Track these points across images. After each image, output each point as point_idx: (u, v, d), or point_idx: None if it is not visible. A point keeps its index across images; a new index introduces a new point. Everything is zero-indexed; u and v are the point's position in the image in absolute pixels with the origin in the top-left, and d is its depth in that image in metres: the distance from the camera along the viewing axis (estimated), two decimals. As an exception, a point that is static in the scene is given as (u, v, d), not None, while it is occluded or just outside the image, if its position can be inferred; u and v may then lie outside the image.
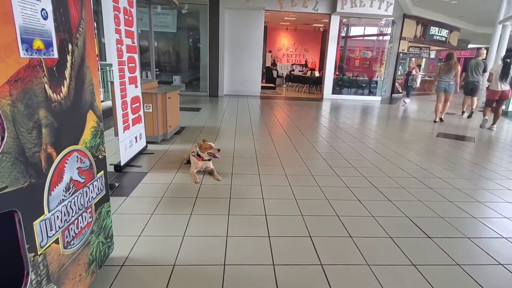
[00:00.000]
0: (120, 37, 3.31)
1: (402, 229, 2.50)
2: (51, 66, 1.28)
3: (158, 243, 2.16)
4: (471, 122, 8.13)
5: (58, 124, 1.34)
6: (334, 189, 3.24)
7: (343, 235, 2.37)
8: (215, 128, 5.89)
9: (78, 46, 1.47)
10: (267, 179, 3.42)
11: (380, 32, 13.77)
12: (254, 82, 11.74)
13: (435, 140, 5.83)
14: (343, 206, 2.86)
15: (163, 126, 4.70)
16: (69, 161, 1.43)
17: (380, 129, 6.80)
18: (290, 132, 5.84)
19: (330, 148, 4.87)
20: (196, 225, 2.42)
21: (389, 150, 4.93)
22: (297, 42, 19.10)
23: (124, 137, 3.51)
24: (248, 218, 2.57)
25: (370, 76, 14.00)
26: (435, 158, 4.63)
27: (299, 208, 2.78)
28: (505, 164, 4.44)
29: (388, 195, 3.15)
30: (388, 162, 4.29)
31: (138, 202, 2.77)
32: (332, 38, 11.94)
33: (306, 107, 9.51)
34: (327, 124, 7.02)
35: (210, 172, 3.48)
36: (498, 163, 4.47)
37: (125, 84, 3.50)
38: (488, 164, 4.43)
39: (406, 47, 14.94)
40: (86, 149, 1.58)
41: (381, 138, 5.74)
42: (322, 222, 2.56)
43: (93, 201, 1.68)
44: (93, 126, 1.65)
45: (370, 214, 2.72)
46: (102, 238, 1.81)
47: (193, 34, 12.08)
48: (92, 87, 1.63)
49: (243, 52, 11.33)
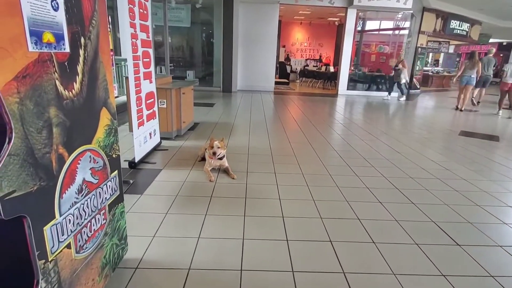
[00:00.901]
0: (135, 31, 3.24)
1: (429, 235, 2.35)
2: (62, 61, 1.20)
3: (173, 245, 2.09)
4: (492, 120, 7.79)
5: (70, 122, 1.26)
6: (353, 190, 3.10)
7: (366, 241, 2.24)
8: (229, 124, 5.81)
9: (91, 39, 1.39)
10: (283, 178, 3.31)
11: (397, 26, 13.35)
12: (268, 78, 11.58)
13: (457, 138, 5.57)
14: (364, 208, 2.73)
15: (177, 122, 4.64)
16: (81, 162, 1.36)
17: (398, 126, 6.57)
18: (305, 129, 5.69)
19: (347, 146, 4.71)
20: (212, 226, 2.34)
21: (409, 148, 4.73)
22: (311, 37, 18.76)
23: (138, 133, 3.46)
24: (265, 220, 2.47)
25: (386, 72, 13.63)
26: (458, 157, 4.41)
27: (317, 210, 2.66)
28: (535, 166, 4.19)
29: (411, 198, 2.99)
30: (408, 161, 4.10)
31: (153, 201, 2.71)
32: (348, 32, 11.63)
33: (321, 103, 9.31)
34: (342, 120, 6.83)
35: (225, 170, 3.40)
36: (527, 164, 4.23)
37: (140, 80, 3.44)
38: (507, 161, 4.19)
39: (425, 42, 14.44)
40: (99, 148, 1.51)
41: (399, 136, 5.52)
42: (342, 225, 2.44)
43: (106, 202, 1.61)
44: (107, 124, 1.57)
45: (393, 218, 2.58)
46: (116, 240, 1.75)
47: (207, 28, 11.99)
48: (106, 83, 1.55)
49: (256, 47, 11.18)
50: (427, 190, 3.20)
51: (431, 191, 3.18)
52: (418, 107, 9.91)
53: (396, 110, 9.02)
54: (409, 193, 3.09)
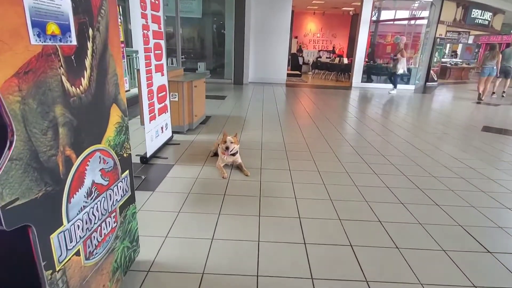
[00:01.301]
0: (146, 22, 3.13)
1: (457, 241, 2.21)
2: (68, 55, 1.10)
3: (185, 246, 2.01)
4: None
5: (77, 121, 1.17)
6: (373, 190, 2.96)
7: (389, 246, 2.11)
8: (241, 118, 5.69)
9: (100, 31, 1.29)
10: (298, 176, 3.19)
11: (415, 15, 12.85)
12: (280, 70, 11.37)
13: (480, 134, 5.31)
14: (384, 210, 2.59)
15: (189, 115, 4.55)
16: (90, 163, 1.27)
17: (416, 120, 6.33)
18: (319, 123, 5.53)
19: (364, 142, 4.54)
20: (226, 226, 2.25)
21: (429, 144, 4.53)
22: (324, 27, 18.33)
23: (150, 127, 3.39)
24: (281, 220, 2.37)
25: (402, 63, 13.20)
26: (482, 155, 4.19)
27: (335, 210, 2.54)
28: None
29: (435, 198, 2.83)
30: (429, 159, 3.92)
31: (165, 198, 2.63)
32: (364, 22, 11.26)
33: (334, 96, 9.08)
34: (358, 114, 6.63)
35: (238, 167, 3.30)
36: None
37: (151, 72, 3.34)
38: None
39: (444, 32, 13.88)
40: (109, 148, 1.42)
41: (418, 131, 5.31)
42: (363, 228, 2.31)
43: (117, 204, 1.53)
44: (118, 122, 1.48)
45: (417, 221, 2.44)
46: (127, 243, 1.67)
47: (218, 19, 11.79)
48: (116, 78, 1.45)
49: (268, 38, 10.95)
50: (451, 191, 3.03)
51: (455, 191, 3.01)
52: (436, 100, 9.56)
53: (413, 103, 8.72)
54: (432, 194, 2.93)
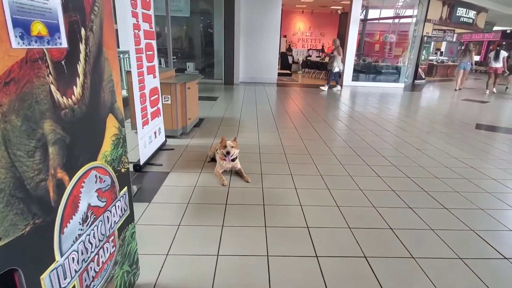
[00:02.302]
0: (137, 21, 2.93)
1: (472, 248, 2.12)
2: (58, 60, 0.93)
3: (189, 264, 1.85)
4: (507, 111, 7.55)
5: (70, 138, 1.00)
6: (379, 194, 2.86)
7: (404, 255, 2.01)
8: (235, 120, 5.53)
9: (94, 31, 1.11)
10: (301, 181, 3.06)
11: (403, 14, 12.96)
12: (271, 69, 11.24)
13: (474, 132, 5.32)
14: (394, 215, 2.49)
15: (183, 118, 4.36)
16: (86, 184, 1.10)
17: (410, 119, 6.31)
18: (315, 123, 5.42)
19: (363, 143, 4.45)
20: (231, 240, 2.10)
21: (427, 144, 4.49)
22: (313, 26, 18.31)
23: (143, 133, 3.19)
24: (289, 231, 2.23)
25: (391, 62, 13.29)
26: (480, 154, 4.16)
27: (344, 218, 2.43)
28: None
29: (443, 201, 2.76)
30: (430, 159, 3.86)
31: (162, 210, 2.46)
32: (354, 21, 11.26)
33: (327, 95, 9.01)
34: (352, 114, 6.56)
35: (238, 173, 3.15)
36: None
37: (143, 75, 3.15)
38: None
39: (430, 30, 14.05)
40: (106, 164, 1.25)
41: (415, 131, 5.27)
42: (374, 237, 2.20)
43: (116, 227, 1.36)
44: (115, 134, 1.31)
45: (428, 227, 2.35)
46: (127, 267, 1.50)
47: (207, 18, 11.57)
48: (112, 84, 1.28)
49: (258, 37, 10.79)
50: (457, 192, 2.96)
51: (461, 193, 2.95)
52: (426, 98, 9.64)
53: (404, 101, 8.74)
54: (439, 196, 2.85)
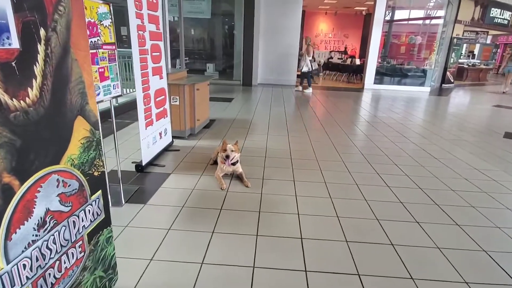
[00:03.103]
0: (142, 22, 2.94)
1: (481, 271, 1.92)
2: (7, 61, 0.90)
3: (171, 272, 1.80)
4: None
5: (22, 141, 0.97)
6: (384, 205, 2.69)
7: (402, 275, 1.85)
8: (246, 122, 5.47)
9: (57, 31, 1.08)
10: (303, 188, 2.94)
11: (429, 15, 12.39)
12: (290, 71, 11.10)
13: (502, 142, 4.94)
14: (397, 230, 2.32)
15: (191, 120, 4.36)
16: (43, 189, 1.07)
17: (433, 126, 5.96)
18: (329, 128, 5.25)
19: (376, 150, 4.24)
20: (218, 247, 2.03)
21: (447, 153, 4.20)
22: (336, 27, 17.96)
23: (146, 134, 3.20)
24: (280, 241, 2.13)
25: (417, 64, 12.74)
26: (506, 165, 3.84)
27: (342, 230, 2.29)
28: None
29: (455, 217, 2.54)
30: (447, 169, 3.60)
31: (156, 212, 2.43)
32: (377, 22, 10.90)
33: (346, 98, 8.75)
34: (370, 119, 6.31)
35: (239, 176, 3.08)
36: None
37: (148, 76, 3.15)
38: None
39: (461, 32, 13.33)
40: (72, 168, 1.21)
41: (435, 138, 4.97)
42: (373, 253, 2.05)
43: (85, 231, 1.33)
44: (85, 137, 1.28)
45: (435, 245, 2.16)
46: (100, 273, 1.47)
47: (227, 20, 11.64)
48: (83, 86, 1.24)
49: (278, 39, 10.70)
50: (473, 208, 2.73)
51: (477, 208, 2.71)
52: (453, 103, 9.12)
53: (429, 106, 8.31)
54: (452, 211, 2.64)
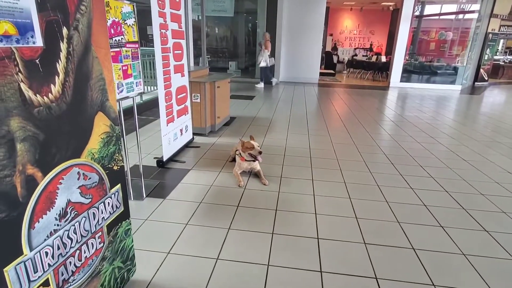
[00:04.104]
0: (164, 21, 3.01)
1: (510, 279, 1.81)
2: (31, 58, 0.94)
3: (187, 266, 1.83)
4: None
5: (45, 135, 1.01)
6: (407, 208, 2.59)
7: (423, 281, 1.77)
8: (267, 120, 5.46)
9: (79, 30, 1.13)
10: (321, 187, 2.90)
11: (463, 9, 11.78)
12: (312, 68, 10.95)
13: (541, 144, 4.61)
14: (420, 234, 2.23)
15: (211, 117, 4.41)
16: (65, 181, 1.12)
17: (463, 126, 5.67)
18: (351, 127, 5.13)
19: (400, 150, 4.10)
20: (234, 244, 2.04)
21: (478, 155, 3.98)
22: (361, 24, 17.45)
23: (167, 130, 3.28)
24: (296, 240, 2.11)
25: (448, 61, 12.16)
26: (544, 169, 3.59)
27: (361, 232, 2.23)
28: None
29: (484, 223, 2.41)
30: (478, 172, 3.41)
31: (174, 207, 2.49)
32: (405, 17, 10.49)
33: (370, 97, 8.51)
34: (395, 118, 6.10)
35: (257, 174, 3.08)
36: None
37: (170, 73, 3.22)
38: None
39: (497, 27, 12.56)
40: (93, 161, 1.26)
41: (466, 139, 4.72)
42: (392, 256, 1.98)
43: (104, 223, 1.38)
44: (105, 132, 1.32)
45: (460, 251, 2.06)
46: (119, 263, 1.52)
47: (250, 18, 11.66)
48: (103, 83, 1.29)
49: (301, 36, 10.58)
50: (503, 213, 2.57)
51: (509, 214, 2.55)
52: (487, 102, 8.62)
53: (459, 105, 7.91)
54: (480, 216, 2.50)
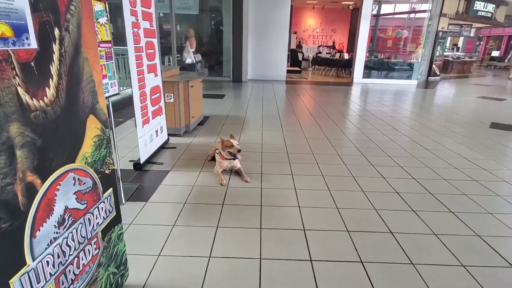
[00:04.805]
0: (136, 19, 2.93)
1: (477, 255, 2.02)
2: (26, 61, 0.91)
3: (180, 266, 1.83)
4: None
5: (42, 140, 0.98)
6: (381, 196, 2.78)
7: (403, 261, 1.93)
8: (240, 118, 5.49)
9: (70, 30, 1.09)
10: (301, 181, 3.00)
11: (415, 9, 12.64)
12: (280, 66, 11.14)
13: (489, 132, 5.11)
14: (395, 219, 2.41)
15: (186, 117, 4.36)
16: (62, 186, 1.09)
17: (421, 118, 6.12)
18: (321, 122, 5.33)
19: (369, 142, 4.34)
20: (224, 241, 2.07)
21: (437, 144, 4.34)
22: (324, 22, 18.03)
23: (143, 131, 3.20)
24: (284, 233, 2.18)
25: (404, 58, 12.97)
26: (493, 154, 4.00)
27: (343, 220, 2.36)
28: None
29: (449, 205, 2.65)
30: (438, 159, 3.73)
31: (158, 209, 2.45)
32: (365, 16, 11.02)
33: (336, 93, 8.86)
34: (361, 112, 6.42)
35: (237, 172, 3.11)
36: None
37: (144, 73, 3.14)
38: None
39: (446, 25, 13.62)
40: (86, 166, 1.23)
41: (424, 129, 5.11)
42: (373, 241, 2.13)
43: (99, 228, 1.35)
44: (97, 135, 1.29)
45: (432, 231, 2.26)
46: (113, 269, 1.49)
47: (215, 16, 11.56)
48: (93, 85, 1.26)
49: (267, 34, 10.71)
50: (465, 195, 2.84)
51: (469, 196, 2.83)
52: (440, 95, 9.34)
53: (416, 99, 8.50)
54: (445, 199, 2.75)
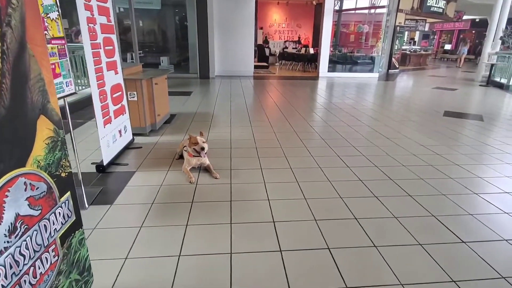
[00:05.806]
0: (91, 14, 2.78)
1: (432, 233, 2.18)
2: (-40, 59, 0.84)
3: (148, 268, 1.80)
4: (474, 98, 7.85)
5: (-16, 144, 0.91)
6: (346, 184, 2.89)
7: (367, 245, 2.03)
8: (208, 114, 5.44)
9: (12, 26, 1.02)
10: (270, 175, 3.05)
11: (375, 4, 13.16)
12: (247, 62, 11.13)
13: (443, 120, 5.48)
14: (359, 205, 2.52)
15: (151, 115, 4.23)
16: (11, 193, 1.02)
17: (383, 109, 6.42)
18: (290, 116, 5.42)
19: (335, 134, 4.49)
20: (194, 239, 2.05)
21: (398, 133, 4.58)
22: (289, 17, 18.22)
23: (105, 132, 3.06)
24: (254, 226, 2.21)
25: (366, 52, 13.50)
26: (447, 140, 4.29)
27: (310, 210, 2.43)
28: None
29: (407, 189, 2.82)
30: (399, 148, 3.94)
31: (124, 212, 2.37)
32: (328, 12, 11.29)
33: (303, 87, 9.03)
34: (327, 105, 6.61)
35: (207, 169, 3.09)
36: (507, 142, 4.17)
37: (103, 71, 3.01)
38: (496, 142, 4.12)
39: (403, 20, 14.34)
40: (39, 169, 1.16)
41: (386, 119, 5.37)
42: (339, 228, 2.22)
43: (57, 235, 1.28)
44: (49, 137, 1.22)
45: (392, 215, 2.39)
46: (75, 276, 1.43)
47: (179, 11, 11.28)
48: (43, 84, 1.18)
49: (233, 30, 10.64)
50: (421, 179, 3.04)
51: (426, 180, 3.03)
52: (399, 87, 9.84)
53: (378, 91, 8.89)
54: (404, 184, 2.92)
